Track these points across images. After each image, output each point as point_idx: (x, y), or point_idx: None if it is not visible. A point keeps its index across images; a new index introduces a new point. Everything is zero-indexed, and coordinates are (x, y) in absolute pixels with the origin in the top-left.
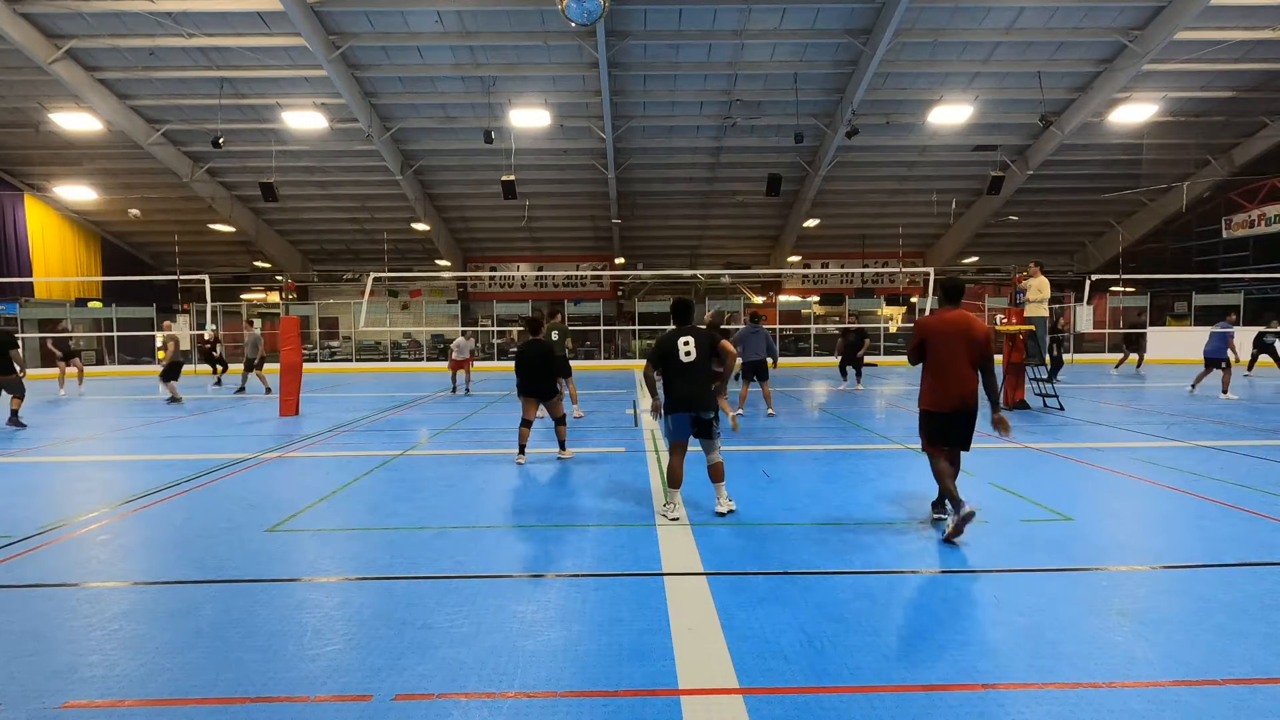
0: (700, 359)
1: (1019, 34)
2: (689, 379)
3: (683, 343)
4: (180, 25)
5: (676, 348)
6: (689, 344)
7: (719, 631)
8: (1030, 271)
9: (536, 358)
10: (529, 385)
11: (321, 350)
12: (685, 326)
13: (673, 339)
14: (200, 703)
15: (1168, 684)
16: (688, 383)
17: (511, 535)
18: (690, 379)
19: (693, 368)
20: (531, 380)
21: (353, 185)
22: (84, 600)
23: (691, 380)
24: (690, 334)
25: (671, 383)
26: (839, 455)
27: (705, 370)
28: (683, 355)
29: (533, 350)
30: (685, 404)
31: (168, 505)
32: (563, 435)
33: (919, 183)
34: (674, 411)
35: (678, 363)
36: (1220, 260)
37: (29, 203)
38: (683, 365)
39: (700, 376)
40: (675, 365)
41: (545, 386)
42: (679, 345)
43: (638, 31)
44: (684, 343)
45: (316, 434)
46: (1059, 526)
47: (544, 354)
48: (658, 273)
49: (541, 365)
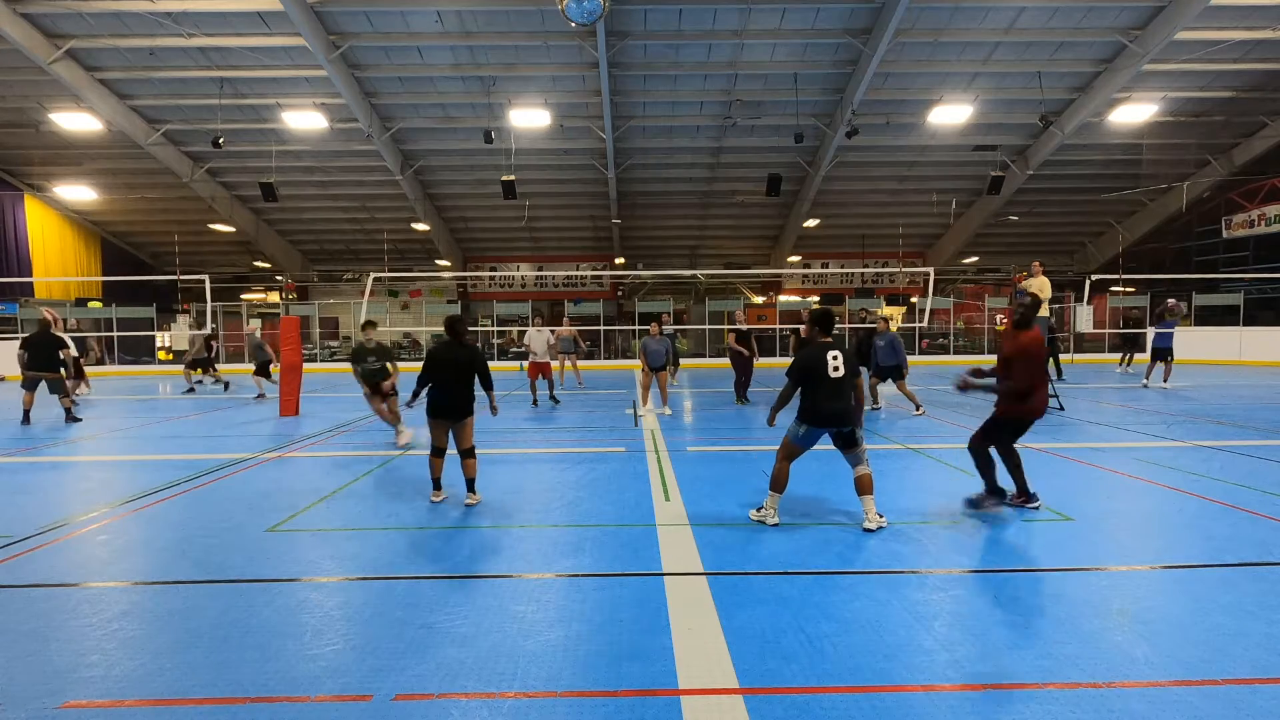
0: (848, 374)
1: (1019, 34)
2: (836, 394)
3: (831, 357)
4: (180, 25)
5: (825, 362)
6: (838, 359)
7: (719, 631)
8: (1031, 271)
9: (455, 367)
10: (443, 403)
11: (321, 350)
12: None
13: (822, 353)
14: (200, 703)
15: (1168, 684)
16: (833, 397)
17: (511, 535)
18: (837, 394)
19: (841, 383)
20: (446, 396)
21: (353, 185)
22: (84, 600)
23: (838, 395)
24: (839, 348)
25: (815, 397)
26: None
27: (851, 385)
28: (831, 370)
29: (451, 357)
30: (831, 419)
31: (168, 505)
32: (472, 472)
33: (919, 183)
34: (816, 425)
35: (825, 378)
36: (1220, 260)
37: (29, 203)
38: (831, 380)
39: (846, 391)
40: (821, 380)
41: (462, 405)
42: (828, 360)
43: (638, 31)
44: (833, 357)
45: (316, 434)
46: (1059, 526)
47: (467, 363)
48: (658, 273)
49: (462, 377)
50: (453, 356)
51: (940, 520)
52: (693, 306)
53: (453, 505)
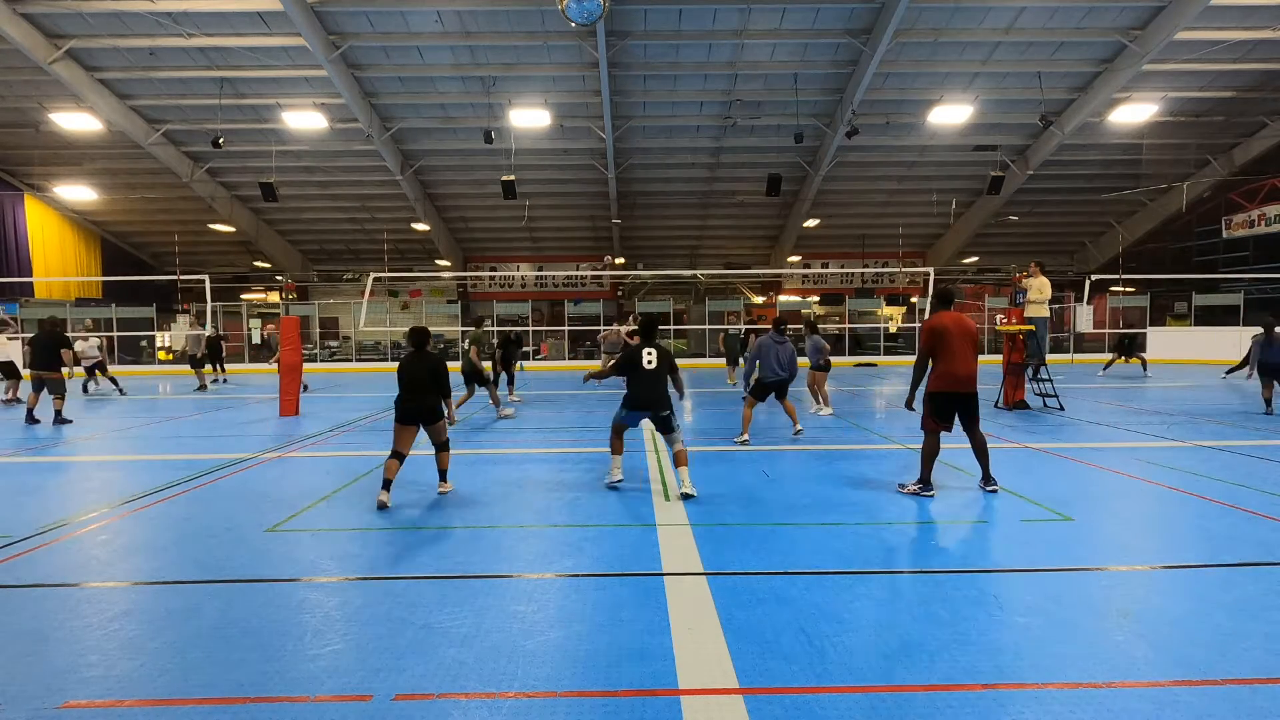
0: (660, 369)
1: (1019, 34)
2: (650, 385)
3: (647, 353)
4: (180, 25)
5: (642, 357)
6: (652, 355)
7: (719, 631)
8: (1031, 271)
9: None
10: (409, 409)
11: (321, 350)
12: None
13: (638, 351)
14: (200, 703)
15: (1168, 684)
16: (647, 388)
17: (511, 535)
18: (651, 386)
19: (654, 376)
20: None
21: (353, 185)
22: (84, 600)
23: (652, 387)
24: (655, 348)
25: (634, 387)
26: (838, 455)
27: (663, 380)
28: (645, 363)
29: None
30: (645, 405)
31: (168, 505)
32: (445, 464)
33: (919, 183)
34: (634, 409)
35: (641, 369)
36: (1220, 260)
37: (29, 203)
38: (646, 371)
39: (659, 384)
40: (638, 370)
41: (426, 411)
42: (644, 356)
43: (638, 31)
44: (648, 353)
45: (316, 434)
46: (1059, 526)
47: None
48: (658, 273)
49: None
50: (416, 366)
51: (940, 520)
52: (692, 306)
53: (453, 505)
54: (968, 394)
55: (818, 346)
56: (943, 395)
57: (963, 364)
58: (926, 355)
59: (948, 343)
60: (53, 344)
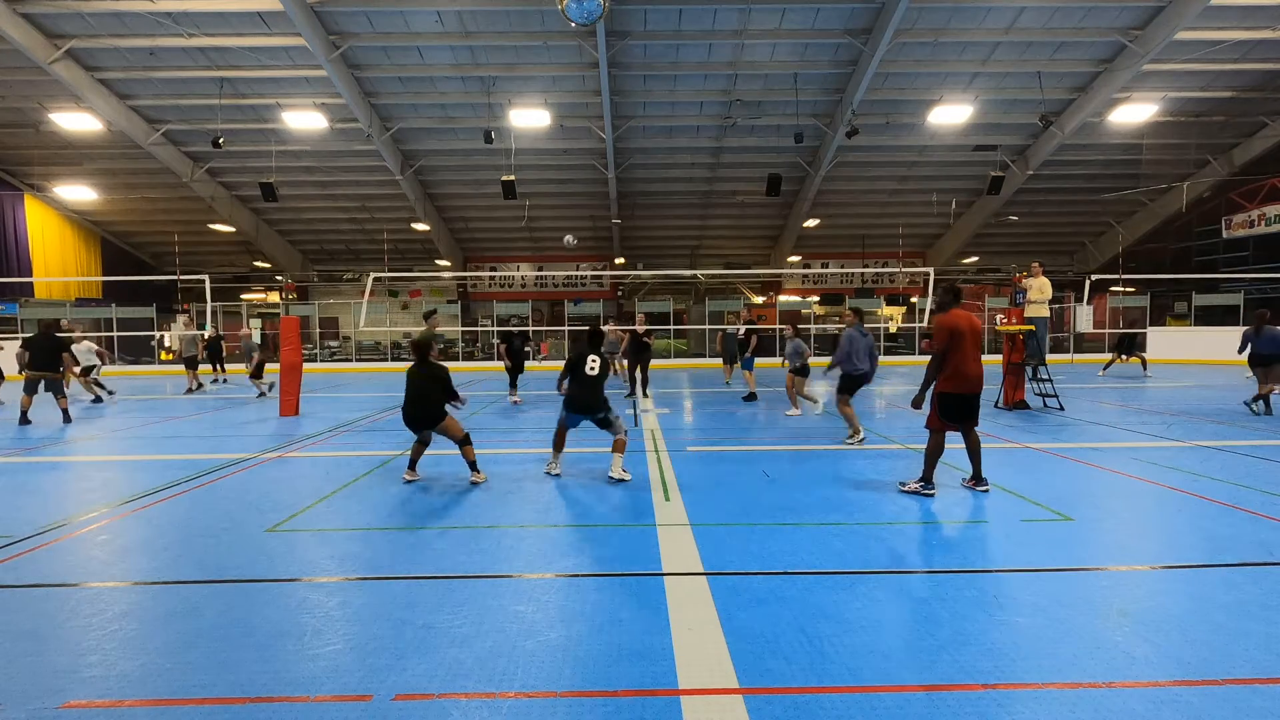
0: (601, 375)
1: (1019, 34)
2: (589, 389)
3: (590, 360)
4: (180, 25)
5: (585, 363)
6: (594, 363)
7: (719, 631)
8: (1032, 271)
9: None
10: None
11: (321, 350)
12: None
13: (582, 357)
14: (200, 703)
15: (1168, 684)
16: (585, 392)
17: (511, 535)
18: (590, 389)
19: (594, 381)
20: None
21: (353, 185)
22: (84, 600)
23: (590, 390)
24: (597, 355)
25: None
26: (839, 454)
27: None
28: (587, 369)
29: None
30: (583, 409)
31: (168, 505)
32: (470, 456)
33: (919, 183)
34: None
35: (583, 374)
36: (1220, 260)
37: (29, 203)
38: (587, 376)
39: (597, 388)
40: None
41: (428, 416)
42: (587, 361)
43: (638, 31)
44: (591, 360)
45: (316, 434)
46: (1059, 526)
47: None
48: (658, 273)
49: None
50: (416, 375)
51: (940, 520)
52: (692, 306)
53: (453, 505)
54: (976, 394)
55: (798, 349)
56: (953, 396)
57: (974, 364)
58: (943, 353)
59: (961, 342)
60: (53, 346)
